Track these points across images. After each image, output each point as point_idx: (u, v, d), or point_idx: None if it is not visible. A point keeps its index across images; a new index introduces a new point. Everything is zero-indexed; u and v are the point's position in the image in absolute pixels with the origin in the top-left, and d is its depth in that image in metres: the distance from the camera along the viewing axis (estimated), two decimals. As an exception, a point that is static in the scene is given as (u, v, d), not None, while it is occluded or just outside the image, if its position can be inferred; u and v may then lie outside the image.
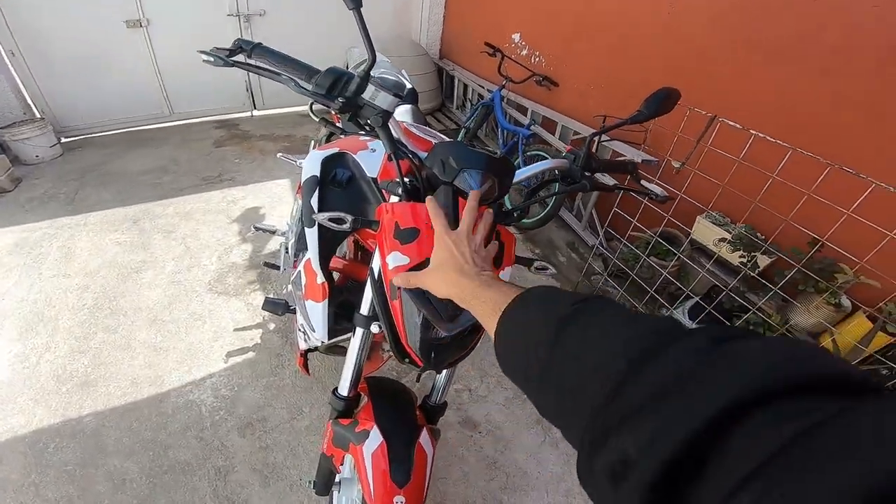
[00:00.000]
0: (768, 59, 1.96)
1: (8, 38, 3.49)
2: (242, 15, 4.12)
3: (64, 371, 1.93)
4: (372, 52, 0.79)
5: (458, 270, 0.65)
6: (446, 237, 0.70)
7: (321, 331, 1.13)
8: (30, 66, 3.66)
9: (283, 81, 0.88)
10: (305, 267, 1.15)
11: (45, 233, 2.74)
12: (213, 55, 0.89)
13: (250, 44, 0.90)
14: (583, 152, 1.02)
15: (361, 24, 0.76)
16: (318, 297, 1.10)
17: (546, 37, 3.37)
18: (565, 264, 2.68)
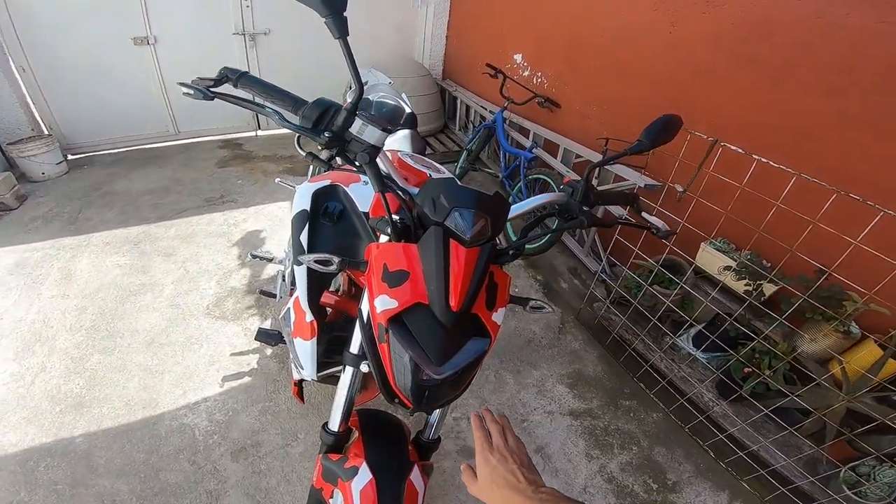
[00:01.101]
0: (771, 79, 1.98)
1: (19, 53, 3.64)
2: (248, 34, 4.28)
3: (58, 391, 1.96)
4: (359, 85, 0.79)
5: (513, 489, 0.69)
6: (489, 456, 0.75)
7: (309, 369, 1.15)
8: (39, 82, 3.81)
9: (268, 115, 0.88)
10: (295, 304, 1.17)
11: (46, 253, 2.81)
12: (193, 87, 0.86)
13: (237, 72, 0.90)
14: (580, 186, 1.02)
15: (348, 54, 0.76)
16: (306, 336, 1.12)
17: (548, 58, 3.43)
18: (567, 290, 2.71)
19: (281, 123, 0.85)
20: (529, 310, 1.02)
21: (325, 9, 0.70)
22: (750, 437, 1.81)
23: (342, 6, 0.71)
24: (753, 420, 1.79)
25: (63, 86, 3.89)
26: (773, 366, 1.79)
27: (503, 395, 2.09)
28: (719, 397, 1.96)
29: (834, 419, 1.62)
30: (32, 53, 3.70)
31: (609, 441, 1.96)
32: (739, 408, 1.89)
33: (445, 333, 0.77)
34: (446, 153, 4.43)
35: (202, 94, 0.85)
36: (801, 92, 1.88)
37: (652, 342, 2.17)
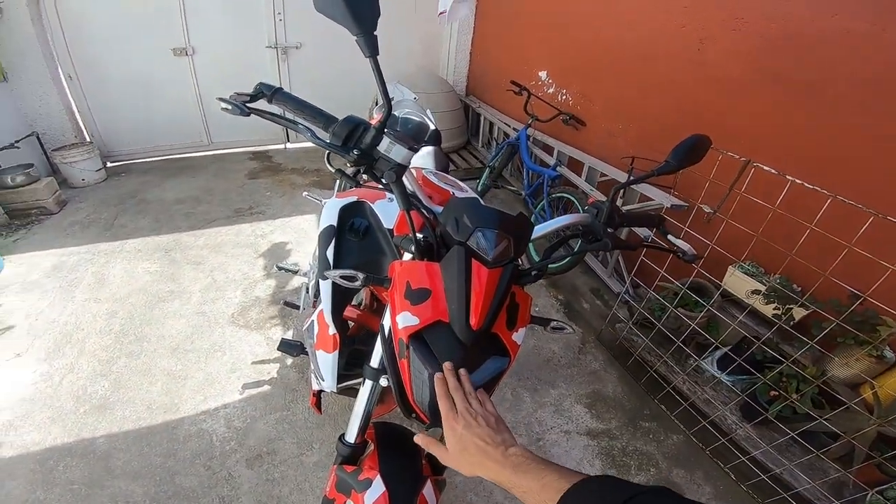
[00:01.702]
0: (802, 96, 1.93)
1: (68, 62, 3.89)
2: (280, 47, 4.47)
3: (84, 392, 2.02)
4: (388, 104, 0.80)
5: (483, 453, 0.66)
6: (454, 424, 0.71)
7: (330, 381, 1.17)
8: (85, 91, 4.06)
9: (300, 131, 0.89)
10: (318, 317, 1.20)
11: (82, 257, 2.93)
12: (231, 103, 0.88)
13: (271, 88, 0.92)
14: (605, 207, 1.00)
15: (378, 72, 0.77)
16: (328, 348, 1.14)
17: (573, 74, 3.41)
18: (588, 310, 2.67)
19: (313, 140, 0.86)
20: (550, 330, 1.02)
21: (356, 28, 0.71)
22: (773, 459, 1.76)
23: (373, 26, 0.73)
24: (778, 443, 1.75)
25: (106, 95, 4.11)
26: (801, 389, 1.75)
27: (519, 414, 2.06)
28: (743, 420, 1.91)
29: (864, 443, 1.58)
30: (80, 62, 3.94)
31: (626, 462, 1.91)
32: (763, 431, 1.85)
33: (465, 351, 0.78)
34: (469, 170, 4.44)
35: (239, 110, 0.87)
36: (833, 109, 1.83)
37: (675, 364, 2.12)
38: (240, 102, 0.88)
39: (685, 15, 2.36)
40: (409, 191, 0.92)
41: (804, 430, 1.65)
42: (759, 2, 2.03)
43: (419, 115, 2.05)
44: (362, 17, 0.71)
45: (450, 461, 0.71)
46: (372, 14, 0.72)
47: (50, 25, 3.74)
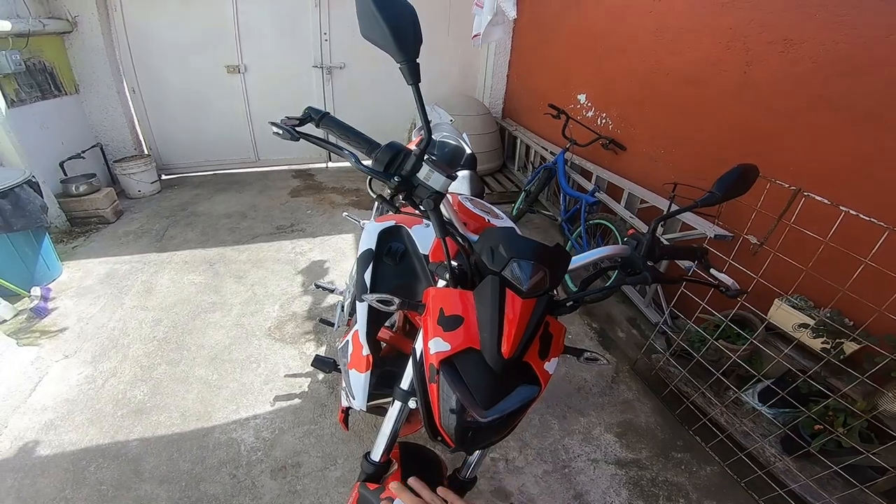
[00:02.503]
0: (857, 123, 1.83)
1: (132, 75, 4.23)
2: (325, 67, 4.71)
3: (123, 396, 2.12)
4: (428, 132, 0.82)
5: None
6: None
7: (360, 400, 1.20)
8: (146, 104, 4.39)
9: (345, 156, 0.91)
10: (353, 337, 1.23)
11: (133, 266, 3.12)
12: (282, 128, 0.92)
13: (319, 112, 0.94)
14: (646, 239, 0.99)
15: (419, 99, 0.79)
16: (361, 369, 1.17)
17: (613, 98, 3.35)
18: (624, 340, 2.59)
19: (356, 166, 0.88)
20: (584, 361, 1.00)
21: (399, 55, 0.73)
22: (812, 493, 1.69)
23: (415, 54, 0.75)
24: (819, 477, 1.68)
25: (164, 109, 4.43)
26: (848, 423, 1.68)
27: (546, 440, 2.01)
28: (783, 452, 1.84)
29: None
30: (143, 76, 4.29)
31: (655, 492, 1.84)
32: (804, 464, 1.78)
33: (494, 378, 0.78)
34: (504, 193, 4.45)
35: (290, 135, 0.91)
36: (890, 137, 1.73)
37: (713, 396, 2.04)
38: (290, 126, 0.92)
39: (730, 36, 2.31)
40: (446, 218, 0.93)
41: (850, 463, 1.58)
42: (808, 24, 1.96)
43: (455, 139, 2.09)
44: (406, 45, 0.73)
45: None
46: (415, 42, 0.74)
47: (118, 40, 4.08)
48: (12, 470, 1.80)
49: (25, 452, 1.86)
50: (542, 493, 1.82)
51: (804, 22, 1.98)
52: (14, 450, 1.87)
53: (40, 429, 1.96)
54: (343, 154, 0.90)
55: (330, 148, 0.92)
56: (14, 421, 1.99)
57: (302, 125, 0.94)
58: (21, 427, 1.97)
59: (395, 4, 0.72)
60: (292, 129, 0.91)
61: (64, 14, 3.78)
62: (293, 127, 0.91)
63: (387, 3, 0.71)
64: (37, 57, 3.61)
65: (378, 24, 0.71)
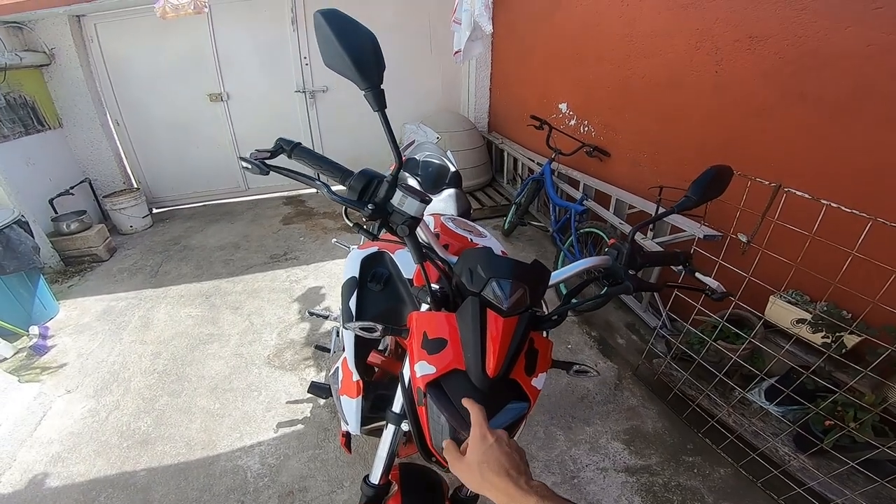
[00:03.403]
0: (829, 115, 1.89)
1: (115, 108, 4.34)
2: (308, 91, 4.82)
3: (128, 428, 2.16)
4: (398, 157, 0.84)
5: (506, 475, 0.65)
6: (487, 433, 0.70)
7: (354, 424, 1.23)
8: (131, 136, 4.49)
9: (316, 187, 0.90)
10: (343, 364, 1.27)
11: (129, 302, 3.18)
12: (251, 162, 0.91)
13: (291, 143, 0.95)
14: (625, 248, 1.00)
15: (386, 126, 0.80)
16: (352, 394, 1.21)
17: (593, 105, 3.41)
18: (624, 346, 2.65)
19: (329, 196, 0.86)
20: (573, 374, 1.03)
21: (363, 82, 0.75)
22: (833, 490, 1.69)
23: (379, 80, 0.76)
24: (838, 472, 1.68)
25: (150, 141, 4.54)
26: (858, 418, 1.68)
27: (552, 452, 2.04)
28: (797, 450, 1.85)
29: None
30: (126, 108, 4.40)
31: (669, 497, 1.86)
32: (820, 461, 1.78)
33: (482, 397, 0.79)
34: (494, 207, 4.52)
35: (258, 169, 0.91)
36: (864, 126, 1.79)
37: (719, 397, 2.07)
38: (260, 160, 0.91)
39: (698, 37, 2.39)
40: (424, 242, 0.96)
41: (867, 458, 1.59)
42: (770, 21, 2.04)
43: (439, 157, 2.15)
44: (368, 72, 0.74)
45: (463, 470, 0.71)
46: (377, 69, 0.75)
47: (97, 72, 4.20)
48: (25, 502, 1.85)
49: (36, 485, 1.91)
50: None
51: (767, 19, 2.05)
52: (25, 482, 1.93)
53: (48, 461, 2.01)
54: (315, 185, 0.90)
55: (301, 179, 0.91)
56: (22, 454, 2.05)
57: (273, 157, 0.94)
58: (29, 460, 2.02)
59: (355, 33, 0.74)
60: (261, 162, 0.91)
61: (40, 46, 3.88)
62: (263, 160, 0.92)
63: (347, 32, 0.73)
64: (16, 91, 3.67)
65: (339, 53, 0.72)
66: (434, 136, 2.58)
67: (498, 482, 0.65)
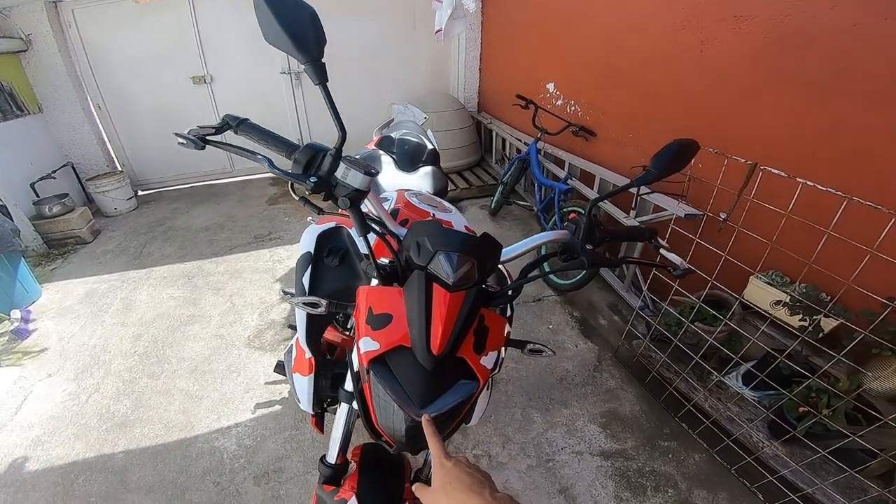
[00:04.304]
0: (813, 95, 1.90)
1: (96, 92, 4.36)
2: (293, 72, 4.80)
3: (107, 411, 2.22)
4: (341, 129, 0.84)
5: (470, 490, 0.69)
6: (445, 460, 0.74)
7: (306, 403, 1.23)
8: (113, 120, 4.52)
9: (257, 161, 0.90)
10: (297, 342, 1.27)
11: (112, 284, 3.22)
12: (186, 138, 0.89)
13: (237, 119, 0.94)
14: (583, 223, 0.98)
15: (328, 99, 0.81)
16: (304, 372, 1.21)
17: (580, 85, 3.44)
18: (606, 327, 2.68)
19: (270, 169, 0.88)
20: (528, 353, 1.02)
21: (302, 56, 0.75)
22: (805, 479, 1.71)
23: (318, 54, 0.77)
24: (810, 461, 1.70)
25: (134, 124, 4.55)
26: (832, 405, 1.69)
27: (529, 434, 2.09)
28: (770, 437, 1.87)
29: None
30: (108, 92, 4.41)
31: (642, 483, 1.91)
32: (794, 448, 1.81)
33: (428, 376, 0.80)
34: (482, 187, 4.57)
35: (193, 144, 0.89)
36: (848, 107, 1.80)
37: (696, 381, 2.10)
38: (200, 135, 0.90)
39: (684, 16, 2.39)
40: (375, 215, 0.96)
41: (839, 447, 1.60)
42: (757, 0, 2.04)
43: (416, 136, 2.16)
44: (307, 46, 0.75)
45: (431, 499, 0.73)
46: (317, 42, 0.76)
47: (77, 57, 4.21)
48: (4, 485, 1.91)
49: (16, 468, 1.97)
50: (527, 489, 1.89)
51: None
52: (4, 466, 1.99)
53: (28, 445, 2.07)
54: (256, 159, 0.90)
55: (243, 154, 0.92)
56: (2, 438, 2.11)
57: (219, 133, 0.94)
58: (10, 444, 2.08)
59: (293, 8, 0.75)
60: (200, 137, 0.90)
61: (16, 33, 3.88)
62: (204, 136, 0.91)
63: (284, 7, 0.74)
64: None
65: (277, 29, 0.73)
66: (422, 116, 2.57)
67: (463, 498, 0.68)
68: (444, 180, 1.99)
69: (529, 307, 2.92)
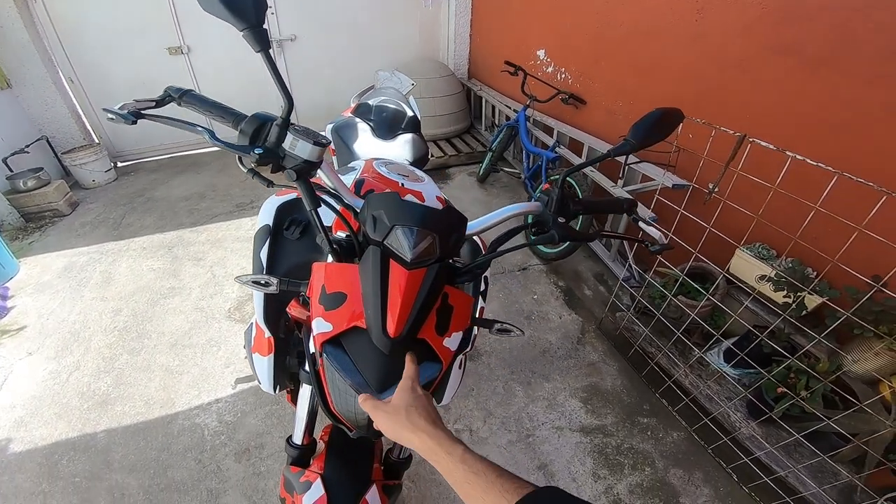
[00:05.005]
0: (808, 69, 1.86)
1: (67, 66, 4.24)
2: (275, 41, 4.65)
3: (88, 389, 2.23)
4: (287, 98, 0.79)
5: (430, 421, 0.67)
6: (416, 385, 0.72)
7: (266, 383, 1.22)
8: (87, 93, 4.41)
9: (198, 132, 0.85)
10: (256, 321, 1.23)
11: (91, 257, 3.20)
12: (116, 113, 0.83)
13: (180, 91, 0.90)
14: (555, 195, 0.94)
15: (271, 66, 0.76)
16: (263, 352, 1.18)
17: (571, 52, 3.40)
18: (591, 297, 2.68)
19: (212, 141, 0.82)
20: (496, 332, 0.99)
21: (239, 23, 0.71)
22: (779, 461, 1.73)
23: (259, 20, 0.73)
24: (785, 444, 1.71)
25: (109, 97, 4.42)
26: (810, 386, 1.69)
27: (510, 408, 2.12)
28: (748, 417, 1.88)
29: (877, 446, 1.53)
30: (80, 66, 4.29)
31: (620, 461, 1.94)
32: (771, 429, 1.81)
33: (387, 359, 0.77)
34: (471, 154, 4.54)
35: (123, 119, 0.84)
36: (842, 82, 1.76)
37: (678, 356, 2.10)
38: (135, 109, 0.85)
39: None
40: (330, 186, 0.91)
41: (815, 430, 1.60)
42: None
43: (396, 102, 2.09)
44: (244, 12, 0.71)
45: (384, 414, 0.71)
46: (255, 7, 0.72)
47: (45, 32, 4.07)
48: (-11, 469, 1.94)
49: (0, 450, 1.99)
50: (506, 464, 1.87)
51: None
52: (-11, 449, 2.01)
53: (11, 426, 2.08)
54: (196, 131, 0.85)
55: (180, 125, 0.86)
56: (-16, 421, 2.12)
57: (160, 106, 0.89)
58: (-7, 426, 2.10)
59: None
60: (135, 111, 0.84)
61: None
62: (138, 110, 0.85)
63: None
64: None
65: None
66: (409, 82, 2.48)
67: (425, 426, 0.66)
68: (424, 148, 1.92)
69: (515, 276, 2.91)
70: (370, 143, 1.85)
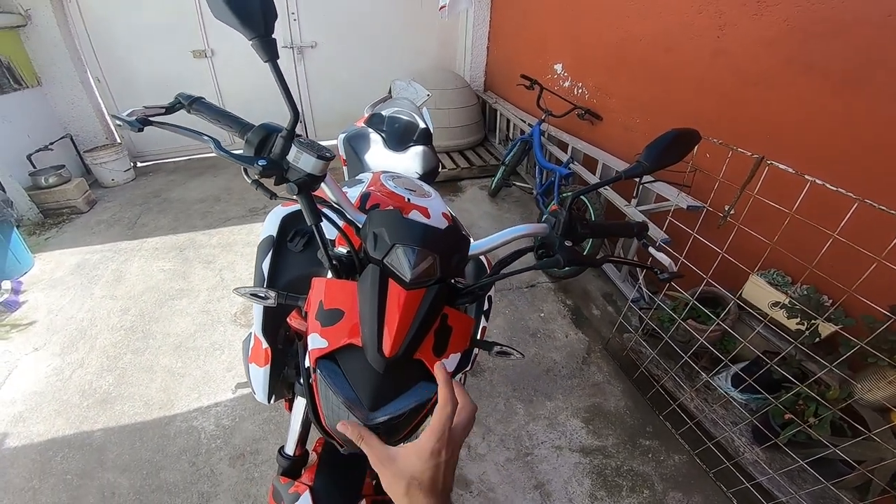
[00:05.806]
0: (834, 88, 1.82)
1: (96, 66, 4.39)
2: (296, 47, 4.76)
3: (90, 387, 2.26)
4: (293, 109, 0.78)
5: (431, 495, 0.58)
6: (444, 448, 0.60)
7: (261, 394, 1.20)
8: (113, 93, 4.55)
9: (203, 142, 0.86)
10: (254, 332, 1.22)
11: (104, 255, 3.26)
12: (123, 120, 0.85)
13: (190, 98, 0.92)
14: (562, 217, 0.91)
15: (279, 78, 0.76)
16: (260, 362, 1.17)
17: (589, 67, 3.40)
18: (598, 317, 2.64)
19: (217, 151, 0.83)
20: (495, 355, 0.96)
21: (248, 32, 0.72)
22: (780, 487, 1.70)
23: (269, 29, 0.73)
24: (789, 470, 1.69)
25: (133, 97, 4.57)
26: (819, 414, 1.66)
27: (510, 426, 2.09)
28: (753, 442, 1.85)
29: (883, 474, 1.51)
30: (107, 66, 4.43)
31: (619, 482, 1.90)
32: (774, 455, 1.79)
33: (381, 378, 0.76)
34: (484, 167, 4.55)
35: (130, 126, 0.86)
36: (872, 101, 1.71)
37: (684, 380, 2.06)
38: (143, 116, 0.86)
39: (701, 1, 2.31)
40: (333, 200, 0.90)
41: (820, 457, 1.58)
42: None
43: (409, 114, 2.09)
44: (253, 22, 0.72)
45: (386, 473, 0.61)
46: (265, 17, 0.72)
47: (76, 31, 4.21)
48: (-17, 463, 1.96)
49: (-4, 445, 2.02)
50: (503, 482, 1.89)
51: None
52: (-15, 442, 2.04)
53: (10, 421, 2.11)
54: (202, 139, 0.85)
55: (187, 134, 0.87)
56: (-16, 414, 2.16)
57: (171, 112, 0.91)
58: (-8, 420, 2.13)
59: None
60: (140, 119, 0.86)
61: (15, 8, 3.88)
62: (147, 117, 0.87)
63: None
64: (-10, 52, 3.69)
65: (223, 4, 0.70)
66: (424, 93, 2.49)
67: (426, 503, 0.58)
68: (434, 161, 1.92)
69: (522, 293, 2.89)
70: (381, 154, 1.85)
